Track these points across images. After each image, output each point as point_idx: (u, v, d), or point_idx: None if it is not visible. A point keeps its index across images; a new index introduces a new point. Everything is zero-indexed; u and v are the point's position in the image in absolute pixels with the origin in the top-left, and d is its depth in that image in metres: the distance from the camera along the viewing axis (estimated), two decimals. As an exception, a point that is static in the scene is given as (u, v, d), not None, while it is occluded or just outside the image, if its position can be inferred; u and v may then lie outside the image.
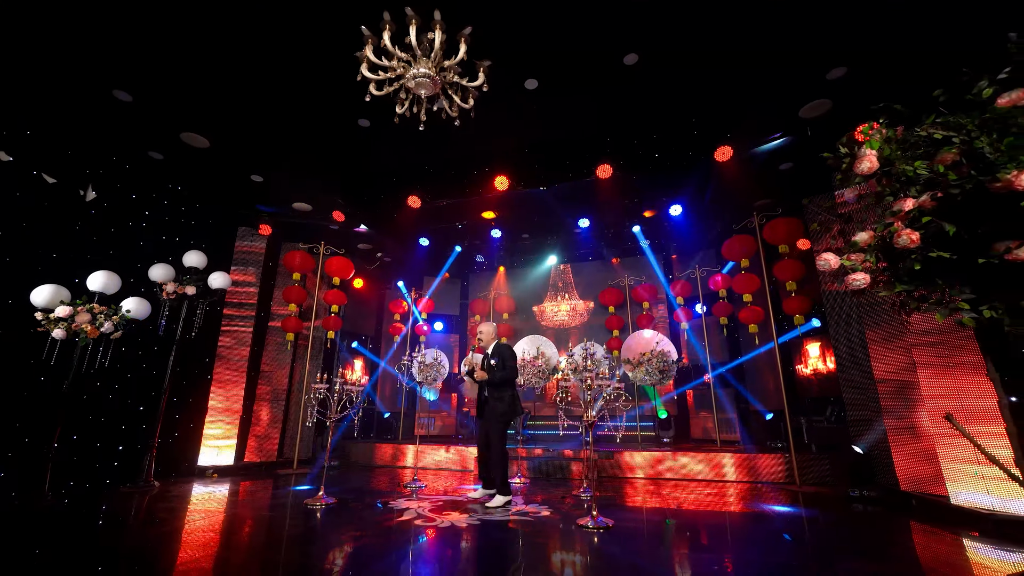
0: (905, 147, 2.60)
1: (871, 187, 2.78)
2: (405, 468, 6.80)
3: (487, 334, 4.26)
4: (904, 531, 3.47)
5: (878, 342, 4.61)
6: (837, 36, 3.87)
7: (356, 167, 6.34)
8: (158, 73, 4.30)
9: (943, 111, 2.50)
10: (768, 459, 5.59)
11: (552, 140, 5.57)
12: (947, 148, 2.39)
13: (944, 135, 2.41)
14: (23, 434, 4.34)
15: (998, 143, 2.20)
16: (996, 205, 2.23)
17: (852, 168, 2.72)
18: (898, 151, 2.60)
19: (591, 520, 3.37)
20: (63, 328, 4.33)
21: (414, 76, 3.53)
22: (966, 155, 2.36)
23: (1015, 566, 2.72)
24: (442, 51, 3.43)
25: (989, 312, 2.31)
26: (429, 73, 3.52)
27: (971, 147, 2.31)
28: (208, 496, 4.61)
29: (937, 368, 3.85)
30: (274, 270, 7.36)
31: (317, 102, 4.92)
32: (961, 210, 2.36)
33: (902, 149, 2.60)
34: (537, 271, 10.06)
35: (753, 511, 4.11)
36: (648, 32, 4.08)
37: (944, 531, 3.37)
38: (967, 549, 3.02)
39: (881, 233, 2.58)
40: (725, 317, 7.32)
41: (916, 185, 2.51)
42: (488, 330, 4.28)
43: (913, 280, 2.55)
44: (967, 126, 2.39)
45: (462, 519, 3.63)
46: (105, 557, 2.83)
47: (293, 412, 7.13)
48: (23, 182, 4.63)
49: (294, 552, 2.93)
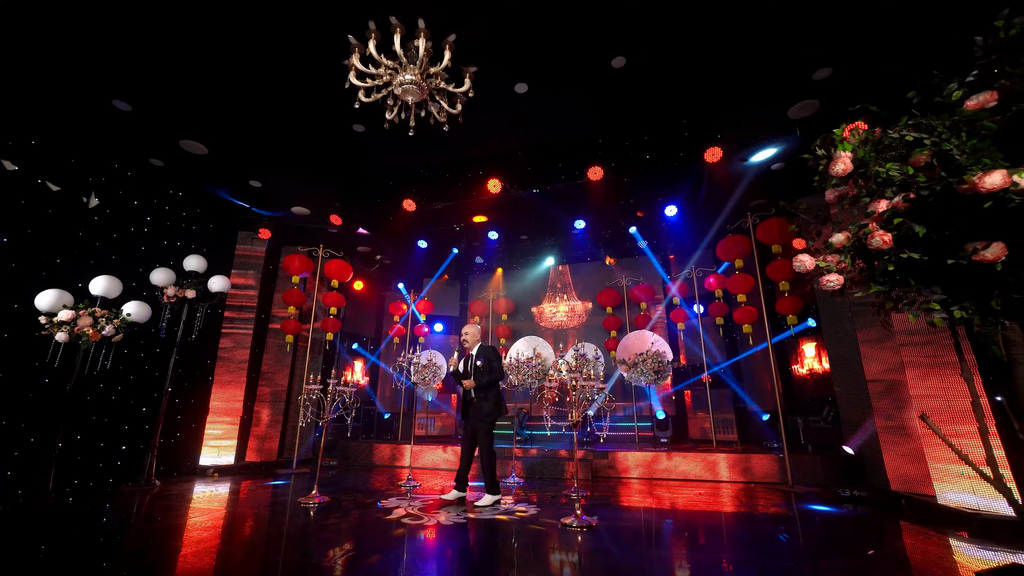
0: (880, 149, 2.62)
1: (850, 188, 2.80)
2: (403, 468, 6.88)
3: (471, 335, 4.33)
4: (889, 531, 3.47)
5: (869, 342, 4.61)
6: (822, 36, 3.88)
7: (352, 171, 6.45)
8: (155, 83, 4.42)
9: (915, 113, 2.52)
10: (762, 459, 5.59)
11: (543, 143, 5.63)
12: (919, 150, 2.42)
13: (916, 137, 2.43)
14: (28, 434, 4.48)
15: (965, 145, 2.22)
16: (964, 207, 2.25)
17: (828, 170, 2.75)
18: (872, 153, 2.62)
19: (575, 519, 3.41)
20: (66, 331, 4.46)
21: (401, 83, 3.60)
22: (937, 157, 2.38)
23: (989, 565, 2.72)
24: (428, 58, 3.50)
25: (960, 312, 2.33)
26: (416, 80, 3.59)
27: (941, 149, 2.33)
28: (207, 495, 4.72)
29: (924, 368, 3.85)
30: (274, 273, 7.48)
31: (312, 108, 5.02)
32: (931, 211, 2.38)
33: (877, 151, 2.62)
34: (536, 272, 10.11)
35: (740, 511, 4.12)
36: (635, 35, 4.12)
37: (931, 531, 3.36)
38: (951, 549, 3.02)
39: (857, 234, 2.60)
40: (721, 317, 7.32)
41: (892, 187, 2.53)
42: (472, 331, 4.34)
43: (888, 281, 2.57)
44: (938, 128, 2.41)
45: (450, 518, 3.69)
46: (106, 553, 2.93)
47: (293, 413, 7.24)
48: (28, 190, 4.77)
49: (279, 547, 3.01)
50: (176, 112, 4.85)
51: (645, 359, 6.86)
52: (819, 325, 5.89)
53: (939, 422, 3.70)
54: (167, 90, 4.51)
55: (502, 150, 5.74)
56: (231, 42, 4.07)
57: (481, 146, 5.66)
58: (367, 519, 3.67)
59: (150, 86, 4.43)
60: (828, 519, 3.80)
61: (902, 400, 4.21)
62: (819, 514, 3.96)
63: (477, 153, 5.78)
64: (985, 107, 2.26)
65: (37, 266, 4.75)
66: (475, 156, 5.83)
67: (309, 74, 4.51)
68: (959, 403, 3.58)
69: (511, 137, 5.57)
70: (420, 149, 5.75)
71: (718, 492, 4.95)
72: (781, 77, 4.36)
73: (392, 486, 5.26)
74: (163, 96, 4.58)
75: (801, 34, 3.90)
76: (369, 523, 3.56)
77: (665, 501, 4.52)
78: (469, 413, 4.23)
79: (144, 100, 4.62)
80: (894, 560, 2.88)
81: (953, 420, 3.63)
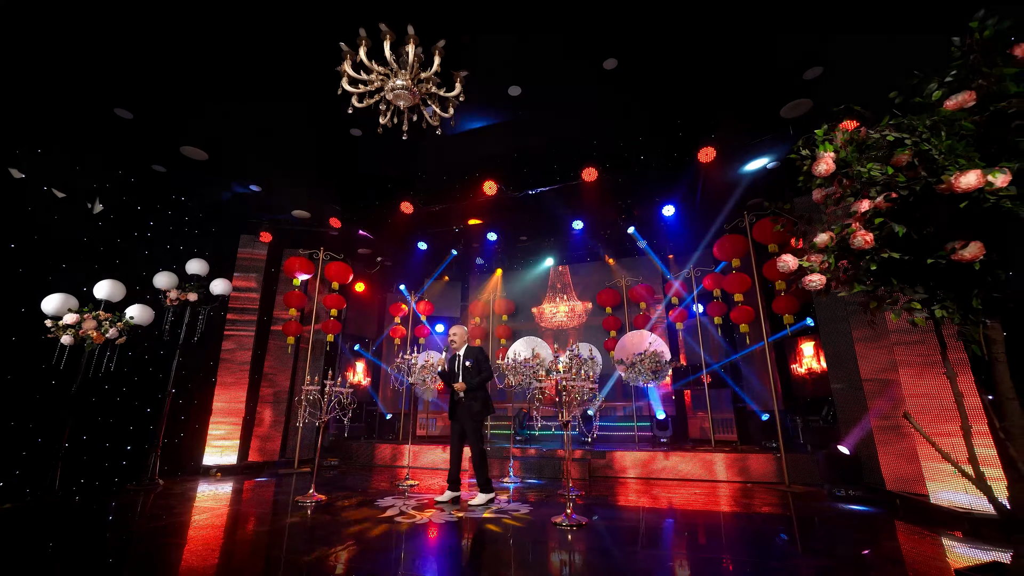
0: (862, 149, 2.63)
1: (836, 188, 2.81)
2: (404, 468, 6.95)
3: (459, 336, 4.38)
4: (882, 531, 3.46)
5: (863, 341, 4.59)
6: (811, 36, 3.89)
7: (351, 175, 6.53)
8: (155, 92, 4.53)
9: (897, 113, 2.53)
10: (759, 459, 5.58)
11: (537, 144, 5.67)
12: (900, 150, 2.42)
13: (897, 137, 2.44)
14: (35, 434, 4.60)
15: (942, 145, 2.23)
16: (942, 206, 2.26)
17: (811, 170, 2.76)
18: (855, 153, 2.63)
19: (564, 518, 3.45)
20: (71, 334, 4.58)
21: (392, 88, 3.66)
22: (918, 157, 2.39)
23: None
24: (418, 63, 3.55)
25: (940, 312, 2.33)
26: (407, 85, 3.65)
27: (920, 149, 2.34)
28: (208, 494, 4.82)
29: (917, 367, 3.84)
30: (275, 276, 7.59)
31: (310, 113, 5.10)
32: (911, 211, 2.39)
33: (859, 151, 2.63)
34: (536, 273, 10.15)
35: (734, 510, 4.13)
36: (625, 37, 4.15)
37: (925, 531, 3.35)
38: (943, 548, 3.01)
39: (840, 234, 2.62)
40: (719, 317, 7.30)
41: (876, 186, 2.54)
42: (460, 332, 4.39)
43: (871, 280, 2.58)
44: (919, 128, 2.42)
45: (441, 516, 3.75)
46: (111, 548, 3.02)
47: (295, 414, 7.34)
48: (34, 197, 4.90)
49: (269, 543, 3.08)
50: (176, 120, 4.96)
51: (643, 359, 6.87)
52: (817, 324, 5.87)
53: (932, 421, 3.69)
54: (167, 99, 4.62)
55: (497, 152, 5.79)
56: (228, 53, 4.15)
57: (476, 148, 5.71)
58: (360, 517, 3.74)
59: (150, 95, 4.54)
60: (822, 519, 3.80)
61: (896, 399, 4.19)
62: (813, 514, 3.96)
63: (472, 155, 5.83)
64: (964, 107, 2.27)
65: (43, 271, 4.88)
66: (470, 158, 5.88)
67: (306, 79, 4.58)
68: (952, 402, 3.56)
69: (505, 139, 5.62)
70: (416, 152, 5.82)
71: (714, 492, 4.95)
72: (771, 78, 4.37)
73: (390, 485, 5.33)
74: (163, 104, 4.68)
75: (791, 34, 3.91)
76: (361, 521, 3.62)
77: (660, 500, 4.54)
78: (457, 413, 4.28)
79: (145, 109, 4.73)
80: (885, 561, 2.87)
81: (946, 419, 3.62)
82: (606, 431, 8.48)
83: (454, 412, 4.29)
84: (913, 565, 2.75)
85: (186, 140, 5.31)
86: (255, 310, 7.06)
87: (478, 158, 5.91)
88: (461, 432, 4.23)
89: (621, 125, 5.31)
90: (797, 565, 2.73)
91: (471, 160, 5.95)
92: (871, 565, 2.80)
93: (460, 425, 4.22)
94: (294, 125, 5.28)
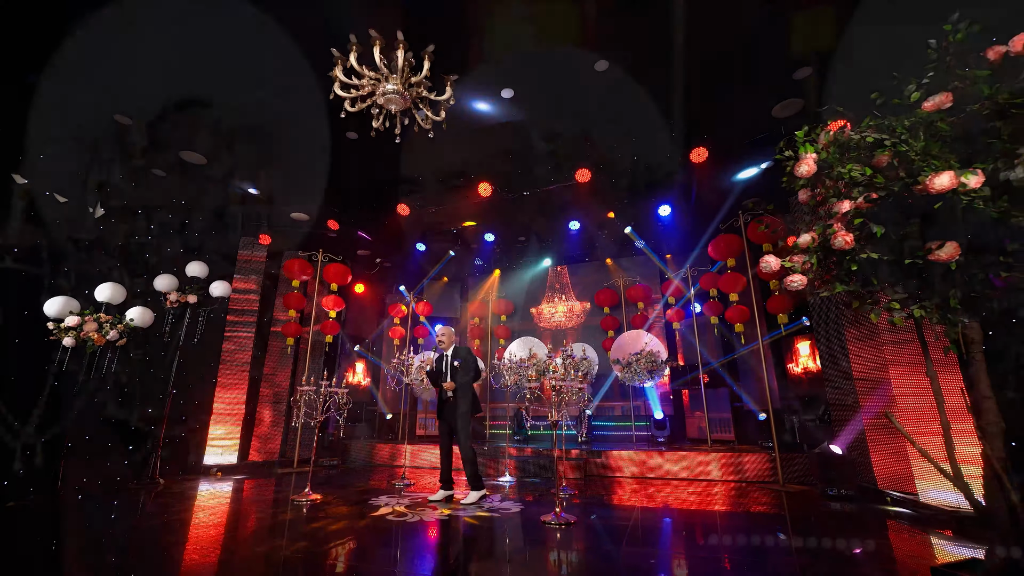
0: (844, 150, 2.64)
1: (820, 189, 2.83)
2: (402, 467, 7.00)
3: (447, 336, 4.43)
4: (872, 530, 3.47)
5: (856, 340, 4.60)
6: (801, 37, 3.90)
7: (348, 177, 6.59)
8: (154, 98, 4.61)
9: (877, 114, 2.55)
10: (754, 458, 5.59)
11: (532, 147, 5.70)
12: (880, 151, 2.45)
13: (876, 138, 2.46)
14: (38, 434, 4.70)
15: (917, 146, 2.25)
16: (919, 207, 2.28)
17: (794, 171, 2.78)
18: (837, 154, 2.65)
19: (554, 516, 3.49)
20: (73, 336, 4.67)
21: (384, 93, 3.71)
22: (897, 158, 2.41)
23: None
24: (409, 68, 3.60)
25: (919, 311, 2.35)
26: (398, 89, 3.70)
27: (898, 150, 2.36)
28: (207, 493, 4.90)
29: (907, 366, 3.85)
30: (275, 277, 7.68)
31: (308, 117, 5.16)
32: (890, 212, 2.41)
33: (841, 152, 2.65)
34: (534, 273, 10.18)
35: (727, 510, 4.15)
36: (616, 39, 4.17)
37: (915, 529, 3.36)
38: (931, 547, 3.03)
39: (822, 234, 2.64)
40: (715, 317, 7.30)
41: (859, 187, 2.56)
42: (448, 332, 4.45)
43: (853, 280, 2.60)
44: (898, 129, 2.43)
45: (432, 514, 3.80)
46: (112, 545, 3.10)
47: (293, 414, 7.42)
48: (37, 202, 5.00)
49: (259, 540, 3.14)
50: (175, 125, 5.04)
51: (639, 359, 6.89)
52: (812, 324, 5.86)
53: (923, 419, 3.70)
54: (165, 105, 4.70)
55: (491, 154, 5.83)
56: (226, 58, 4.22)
57: (470, 151, 5.76)
58: (352, 515, 3.80)
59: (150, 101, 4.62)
60: (814, 518, 3.81)
61: (887, 399, 4.20)
62: (806, 513, 3.97)
63: (466, 157, 5.88)
64: (941, 108, 2.29)
65: (46, 274, 4.98)
66: (465, 160, 5.93)
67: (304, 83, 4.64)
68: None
69: (500, 141, 5.66)
70: (411, 155, 5.87)
71: (708, 491, 4.97)
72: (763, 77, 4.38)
73: (386, 485, 5.38)
74: (162, 110, 4.76)
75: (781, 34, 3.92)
76: (353, 519, 3.68)
77: (653, 499, 4.56)
78: (445, 412, 4.34)
79: (144, 115, 4.81)
80: (873, 560, 2.89)
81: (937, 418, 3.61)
82: (603, 431, 8.50)
83: (442, 411, 4.35)
84: (901, 563, 2.77)
85: (185, 145, 5.39)
86: (255, 311, 7.15)
87: (472, 160, 5.95)
88: (450, 431, 4.28)
89: (613, 125, 5.34)
90: (785, 564, 2.76)
91: (465, 162, 5.99)
92: (859, 564, 2.82)
93: (448, 424, 4.27)
94: (292, 128, 5.35)
